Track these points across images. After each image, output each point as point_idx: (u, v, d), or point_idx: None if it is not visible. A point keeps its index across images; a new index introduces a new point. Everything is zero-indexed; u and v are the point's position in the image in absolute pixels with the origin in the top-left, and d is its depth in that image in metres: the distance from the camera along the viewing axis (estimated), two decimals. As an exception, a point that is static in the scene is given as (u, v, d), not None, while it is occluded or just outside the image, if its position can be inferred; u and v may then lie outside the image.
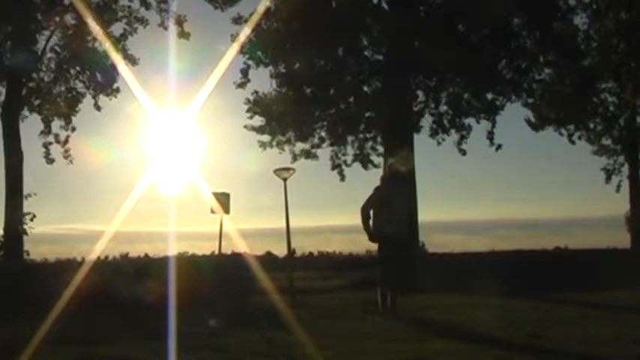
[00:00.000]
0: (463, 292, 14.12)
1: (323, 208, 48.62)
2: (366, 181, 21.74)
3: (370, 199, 10.70)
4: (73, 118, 21.15)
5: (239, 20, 19.59)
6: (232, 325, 9.31)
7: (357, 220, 10.79)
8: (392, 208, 10.62)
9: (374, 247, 10.98)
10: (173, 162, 17.73)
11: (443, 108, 21.13)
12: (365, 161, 21.99)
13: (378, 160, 21.43)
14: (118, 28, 20.59)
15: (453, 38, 18.52)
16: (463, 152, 21.31)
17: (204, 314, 9.70)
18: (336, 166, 22.17)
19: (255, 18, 18.86)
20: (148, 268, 12.75)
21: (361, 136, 21.91)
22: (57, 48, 20.54)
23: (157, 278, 11.39)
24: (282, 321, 9.35)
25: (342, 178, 22.17)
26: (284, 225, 15.38)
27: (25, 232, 19.00)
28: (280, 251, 25.69)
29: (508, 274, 14.93)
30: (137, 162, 29.71)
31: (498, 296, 12.80)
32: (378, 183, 11.15)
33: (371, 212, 10.68)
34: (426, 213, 27.16)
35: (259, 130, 21.42)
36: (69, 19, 20.05)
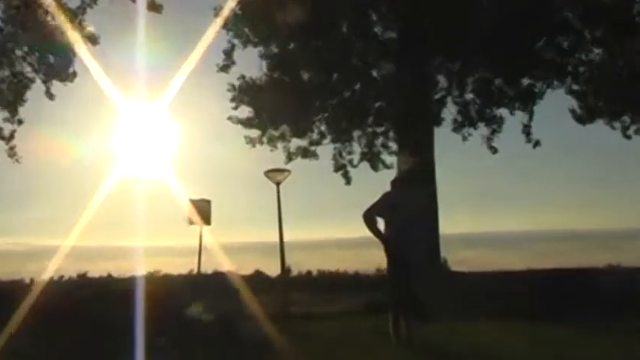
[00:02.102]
0: (490, 318, 14.15)
1: (324, 218, 48.61)
2: (376, 184, 21.69)
3: (375, 204, 10.72)
4: (20, 109, 21.09)
5: (222, -10, 19.54)
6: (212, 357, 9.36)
7: (365, 231, 10.84)
8: (403, 218, 10.64)
9: (385, 263, 11.00)
10: (143, 162, 17.76)
11: (469, 96, 20.95)
12: (374, 161, 21.74)
13: (391, 159, 21.29)
14: (74, 0, 20.56)
15: (479, 11, 18.34)
16: (494, 150, 21.11)
17: (171, 345, 9.76)
18: (340, 167, 21.90)
19: (241, -13, 18.78)
20: (111, 291, 12.79)
21: (370, 130, 21.70)
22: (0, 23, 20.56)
23: (121, 302, 11.44)
24: (276, 353, 9.41)
25: (348, 181, 21.84)
26: (277, 238, 15.50)
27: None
28: (272, 270, 25.78)
29: (546, 296, 14.94)
30: (99, 162, 29.73)
31: (533, 323, 12.84)
32: (388, 187, 11.16)
33: (379, 220, 10.69)
34: (449, 224, 27.19)
35: (246, 122, 21.13)
36: (14, -12, 20.02)
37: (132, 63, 18.34)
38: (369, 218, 10.63)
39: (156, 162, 17.67)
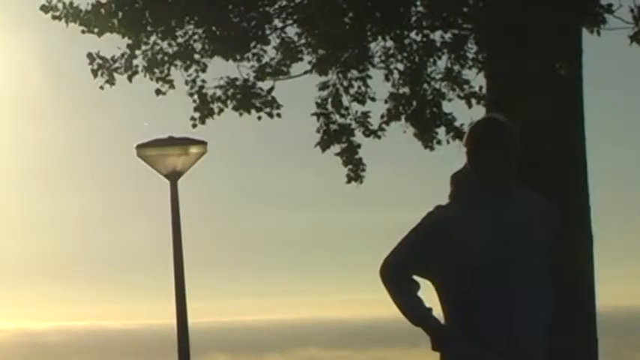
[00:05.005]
0: None
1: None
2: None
3: (407, 244, 5.16)
4: None
5: None
6: None
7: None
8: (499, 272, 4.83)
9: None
10: None
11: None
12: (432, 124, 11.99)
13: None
14: None
15: None
16: None
17: None
18: (352, 162, 12.64)
19: None
20: None
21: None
22: None
23: None
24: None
25: (357, 177, 12.63)
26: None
27: None
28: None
29: None
30: None
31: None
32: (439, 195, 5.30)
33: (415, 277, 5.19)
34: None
35: (82, 20, 11.50)
36: None
37: None
38: (393, 276, 5.20)
39: None
